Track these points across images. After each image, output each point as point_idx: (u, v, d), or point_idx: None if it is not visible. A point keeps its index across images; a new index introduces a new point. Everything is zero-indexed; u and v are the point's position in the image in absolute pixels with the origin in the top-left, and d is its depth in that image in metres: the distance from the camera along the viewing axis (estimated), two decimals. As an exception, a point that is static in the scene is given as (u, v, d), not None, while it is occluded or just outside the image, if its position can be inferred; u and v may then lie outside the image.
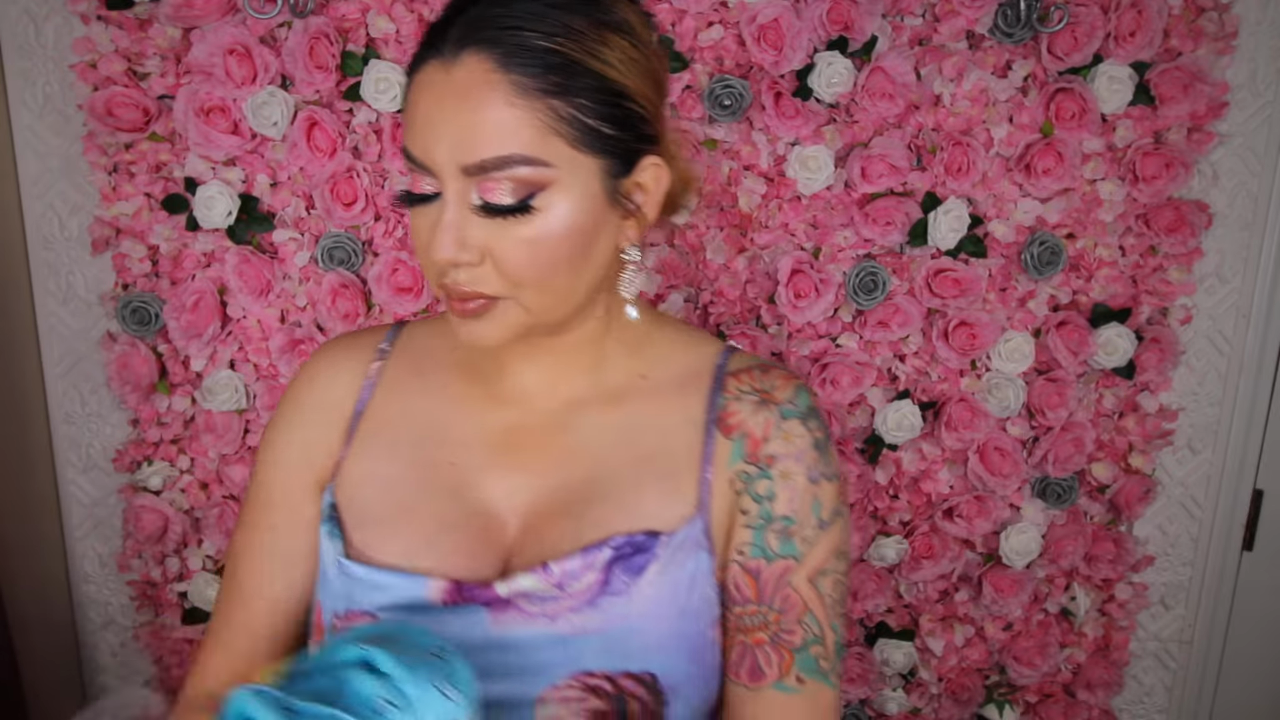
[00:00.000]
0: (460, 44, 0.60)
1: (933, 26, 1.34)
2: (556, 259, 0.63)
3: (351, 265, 1.39)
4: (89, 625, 1.60)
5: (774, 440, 0.69)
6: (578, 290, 0.66)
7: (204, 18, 1.32)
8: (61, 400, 1.51)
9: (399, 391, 0.75)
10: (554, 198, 0.61)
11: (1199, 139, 1.38)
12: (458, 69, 0.60)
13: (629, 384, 0.72)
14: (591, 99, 0.61)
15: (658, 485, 0.69)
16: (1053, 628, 1.56)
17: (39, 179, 1.43)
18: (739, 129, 1.37)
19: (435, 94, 0.61)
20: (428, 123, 0.61)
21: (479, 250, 0.62)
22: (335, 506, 0.72)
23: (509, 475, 0.71)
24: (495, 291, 0.63)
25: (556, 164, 0.61)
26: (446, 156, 0.60)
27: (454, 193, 0.61)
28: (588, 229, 0.64)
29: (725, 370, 0.72)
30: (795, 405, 0.70)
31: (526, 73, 0.59)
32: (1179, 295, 1.45)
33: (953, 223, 1.38)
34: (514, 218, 0.61)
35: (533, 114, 0.60)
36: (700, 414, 0.70)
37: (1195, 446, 1.53)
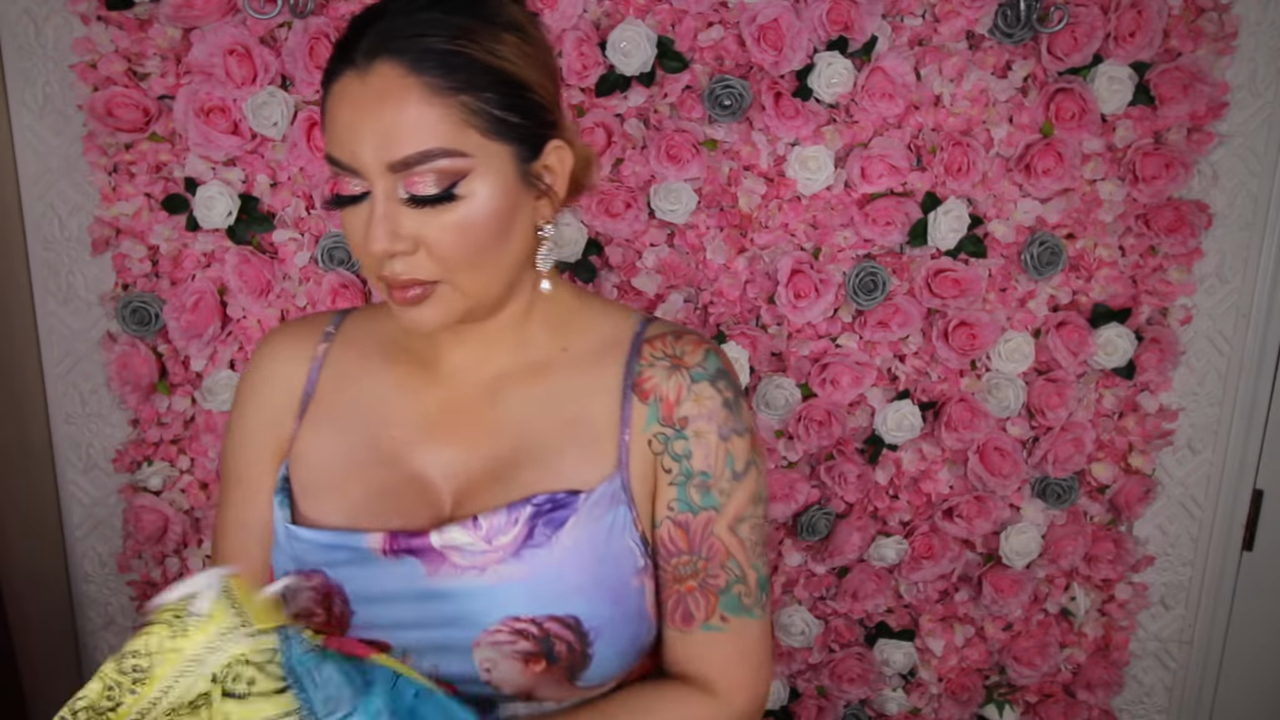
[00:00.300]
0: (371, 54, 0.66)
1: (933, 27, 1.34)
2: (482, 240, 0.69)
3: (351, 265, 1.39)
4: (89, 625, 1.60)
5: (686, 403, 0.74)
6: (504, 268, 0.72)
7: (204, 18, 1.32)
8: (61, 400, 1.51)
9: (344, 373, 0.81)
10: (474, 184, 0.67)
11: (1199, 139, 1.38)
12: (372, 77, 0.66)
13: (551, 357, 0.78)
14: (496, 92, 0.67)
15: (579, 449, 0.75)
16: (1053, 628, 1.56)
17: (39, 179, 1.43)
18: (739, 129, 1.37)
19: (353, 101, 0.66)
20: (350, 128, 0.66)
21: (411, 239, 0.67)
22: (287, 479, 0.78)
23: (443, 448, 0.77)
24: (430, 276, 0.69)
25: (473, 153, 0.67)
26: (372, 157, 0.66)
27: (382, 190, 0.66)
28: (507, 210, 0.70)
29: (641, 338, 0.78)
30: (704, 368, 0.76)
31: (435, 74, 0.65)
32: (1179, 295, 1.45)
33: (953, 223, 1.38)
34: (440, 206, 0.67)
35: (446, 110, 0.66)
36: (617, 381, 0.76)
37: (1195, 446, 1.53)
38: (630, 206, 1.38)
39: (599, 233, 1.40)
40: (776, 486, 1.47)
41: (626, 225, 1.39)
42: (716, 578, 0.75)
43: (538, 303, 0.78)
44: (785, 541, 1.52)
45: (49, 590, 1.56)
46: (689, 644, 0.76)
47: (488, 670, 0.71)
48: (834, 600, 1.54)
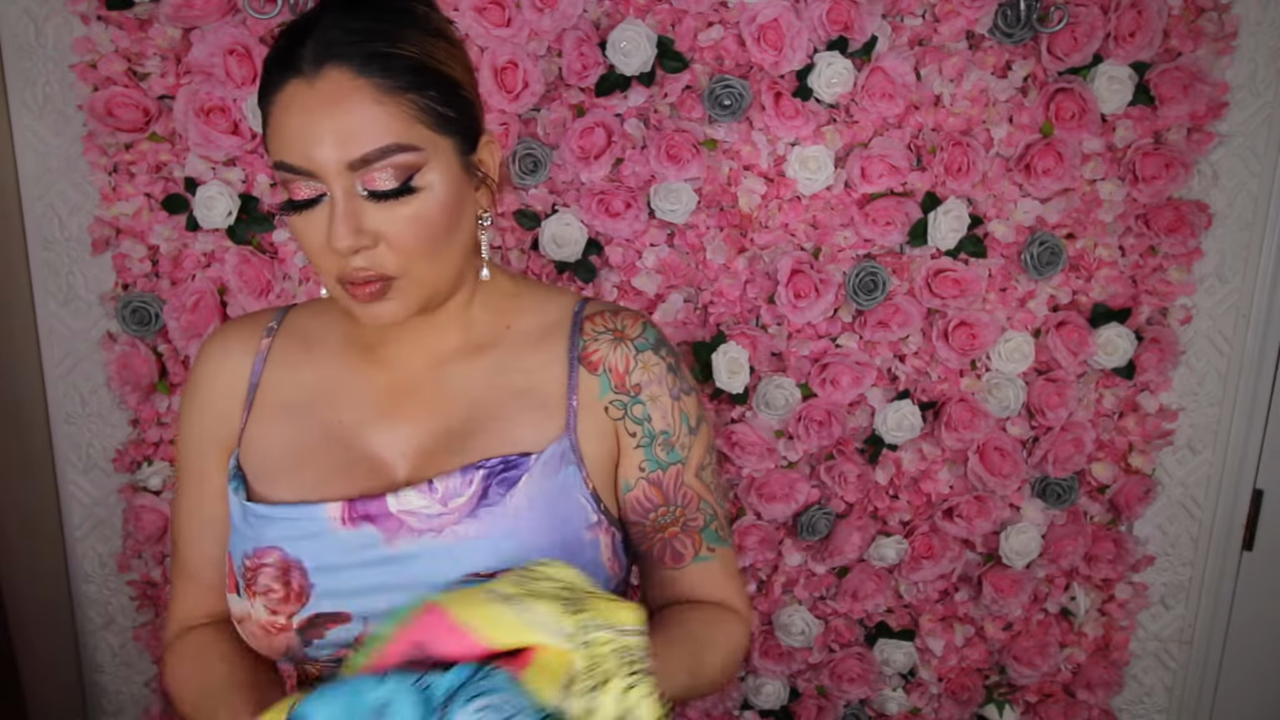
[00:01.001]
0: (318, 61, 0.69)
1: (933, 27, 1.34)
2: (438, 230, 0.72)
3: (351, 265, 1.39)
4: (89, 625, 1.60)
5: (635, 371, 0.81)
6: (456, 257, 0.76)
7: (204, 18, 1.32)
8: (62, 400, 1.51)
9: (289, 364, 0.84)
10: (428, 176, 0.71)
11: (1199, 139, 1.38)
12: (321, 82, 0.68)
13: (496, 335, 0.83)
14: (436, 90, 0.71)
15: (528, 415, 0.79)
16: (1053, 628, 1.56)
17: (39, 179, 1.43)
18: (739, 129, 1.37)
19: (304, 107, 0.69)
20: (304, 132, 0.69)
21: (372, 234, 0.70)
22: (239, 467, 0.80)
23: (395, 426, 0.80)
24: (391, 270, 0.71)
25: (424, 147, 0.70)
26: (328, 156, 0.68)
27: (341, 188, 0.69)
28: (456, 200, 0.74)
29: (581, 316, 0.83)
30: (645, 339, 0.82)
31: (382, 75, 0.69)
32: (1179, 295, 1.45)
33: (953, 223, 1.38)
34: (399, 200, 0.70)
35: (397, 108, 0.69)
36: (563, 353, 0.81)
37: (1195, 446, 1.53)
38: (630, 206, 1.38)
39: (599, 233, 1.40)
40: (776, 486, 1.47)
41: (626, 225, 1.39)
42: (695, 519, 0.83)
43: (479, 289, 0.82)
44: (785, 541, 1.52)
45: (49, 590, 1.56)
46: (688, 577, 0.83)
47: None
48: (834, 600, 1.54)
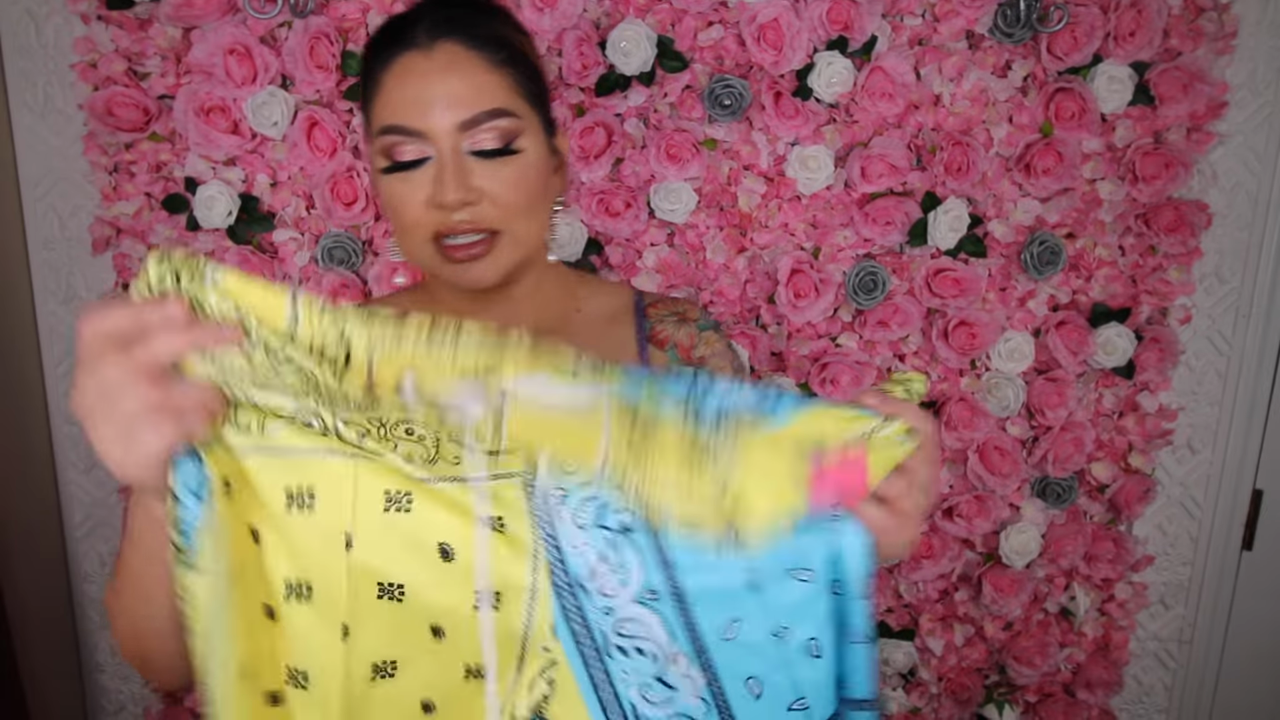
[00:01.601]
0: (432, 35, 0.76)
1: (932, 26, 1.34)
2: (534, 191, 0.79)
3: (351, 265, 1.39)
4: (89, 625, 1.60)
5: (699, 347, 0.88)
6: (543, 223, 0.82)
7: (204, 17, 1.32)
8: (62, 400, 1.51)
9: None
10: (525, 142, 0.78)
11: (1198, 139, 1.38)
12: (437, 53, 0.76)
13: (568, 316, 0.89)
14: (529, 73, 0.80)
15: None
16: (1052, 627, 1.56)
17: (39, 179, 1.43)
18: (739, 129, 1.37)
19: (421, 74, 0.76)
20: (419, 97, 0.75)
21: (477, 191, 0.76)
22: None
23: None
24: (492, 224, 0.77)
25: (523, 116, 0.78)
26: (441, 119, 0.75)
27: (450, 148, 0.75)
28: (546, 169, 0.81)
29: (644, 303, 0.91)
30: (705, 320, 0.90)
31: (490, 50, 0.77)
32: (1178, 295, 1.45)
33: (952, 222, 1.38)
34: (501, 159, 0.76)
35: (503, 78, 0.77)
36: (633, 335, 0.88)
37: (1195, 446, 1.53)
38: (630, 206, 1.38)
39: (599, 232, 1.40)
40: (776, 486, 1.47)
41: (626, 225, 1.39)
42: None
43: (548, 272, 0.88)
44: (785, 541, 1.52)
45: (49, 590, 1.56)
46: None
47: None
48: (834, 600, 1.54)
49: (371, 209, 1.38)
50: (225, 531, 0.56)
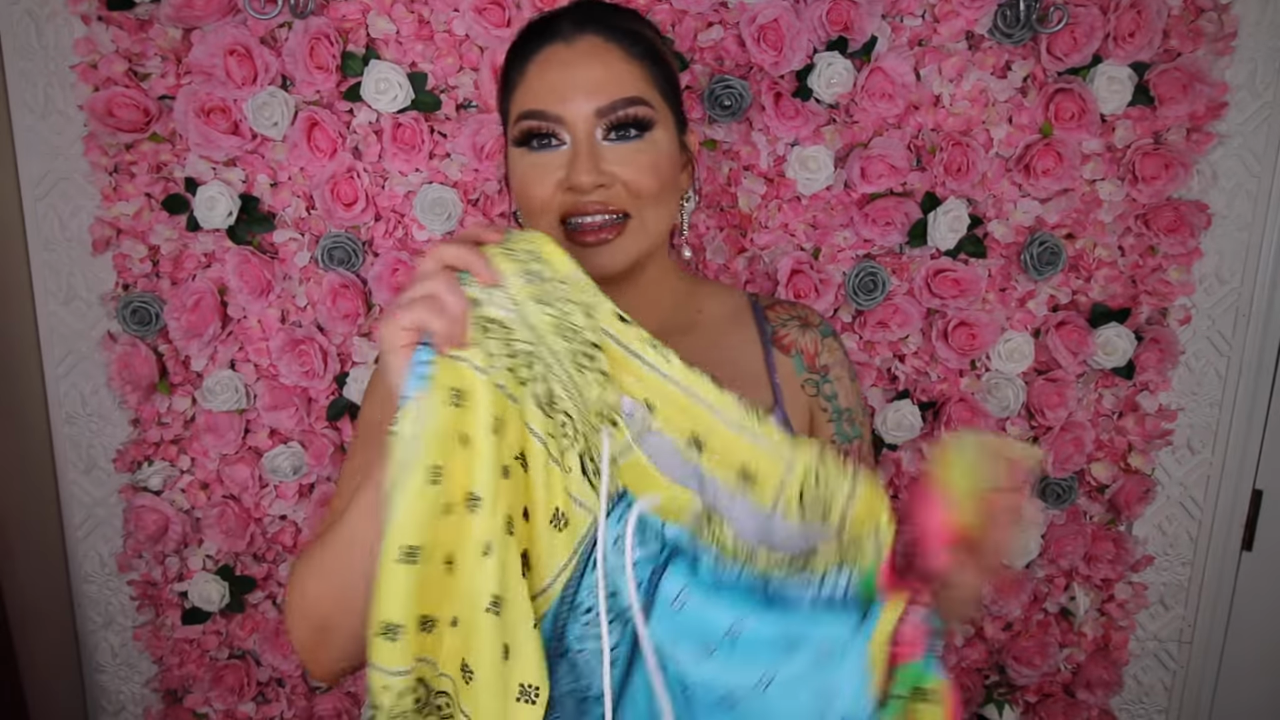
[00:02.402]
0: (576, 28, 0.81)
1: (932, 27, 1.35)
2: (664, 179, 0.81)
3: (351, 265, 1.39)
4: (89, 625, 1.60)
5: (823, 353, 0.90)
6: (671, 212, 0.85)
7: (204, 18, 1.32)
8: (62, 400, 1.51)
9: None
10: (658, 131, 0.81)
11: (1198, 139, 1.38)
12: (579, 43, 0.80)
13: (691, 318, 0.91)
14: (665, 70, 0.83)
15: (738, 387, 0.84)
16: (1052, 628, 1.56)
17: (40, 179, 1.43)
18: (739, 129, 1.37)
19: (562, 62, 0.79)
20: (559, 83, 0.79)
21: (609, 174, 0.79)
22: None
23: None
24: (625, 207, 0.80)
25: (657, 108, 0.81)
26: (581, 104, 0.78)
27: (585, 132, 0.79)
28: (676, 160, 0.84)
29: (761, 306, 0.93)
30: (825, 327, 0.93)
31: (628, 43, 0.81)
32: (1178, 295, 1.45)
33: (952, 223, 1.38)
34: (635, 144, 0.79)
35: (641, 69, 0.80)
36: (755, 336, 0.90)
37: (1195, 446, 1.53)
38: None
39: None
40: (776, 486, 1.47)
41: (626, 225, 1.39)
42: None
43: (669, 271, 0.91)
44: (785, 541, 1.52)
45: (49, 590, 1.56)
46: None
47: None
48: (834, 600, 1.54)
49: (371, 209, 1.38)
50: (435, 416, 0.62)
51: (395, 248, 1.40)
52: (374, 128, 1.36)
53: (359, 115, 1.36)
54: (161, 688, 1.57)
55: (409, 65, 1.34)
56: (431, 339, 0.63)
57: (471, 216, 1.38)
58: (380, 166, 1.38)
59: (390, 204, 1.39)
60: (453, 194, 1.37)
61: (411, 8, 1.33)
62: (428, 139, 1.35)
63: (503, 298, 0.65)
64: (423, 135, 1.35)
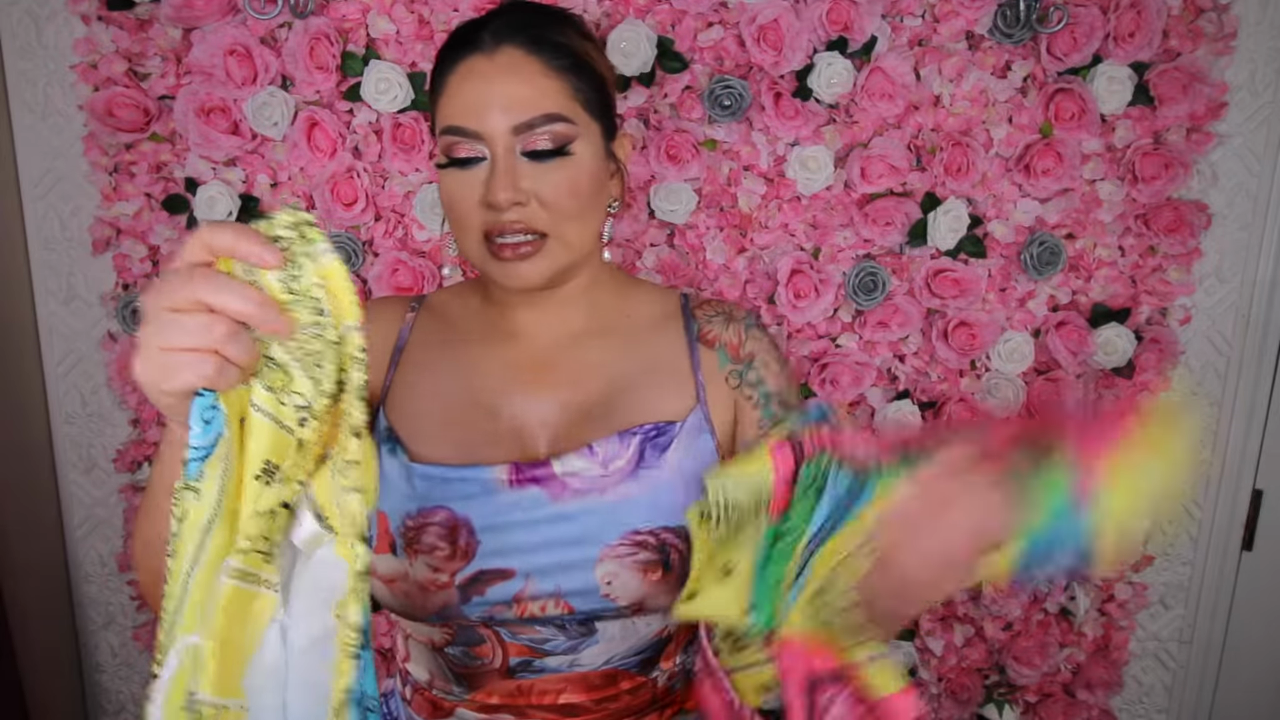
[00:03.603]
0: (497, 39, 0.79)
1: (932, 27, 1.35)
2: (584, 196, 0.80)
3: (352, 265, 1.39)
4: (89, 625, 1.60)
5: (749, 343, 0.90)
6: (594, 226, 0.84)
7: (204, 18, 1.32)
8: (62, 400, 1.51)
9: (431, 337, 0.90)
10: (580, 147, 0.80)
11: (1198, 139, 1.39)
12: (499, 56, 0.78)
13: (618, 320, 0.90)
14: (591, 80, 0.81)
15: (662, 388, 0.86)
16: (1052, 628, 1.56)
17: (40, 179, 1.43)
18: (739, 129, 1.37)
19: (482, 75, 0.78)
20: (479, 98, 0.77)
21: (527, 193, 0.78)
22: (391, 428, 0.85)
23: (533, 397, 0.86)
24: (541, 226, 0.79)
25: (578, 122, 0.79)
26: (498, 121, 0.77)
27: (503, 149, 0.77)
28: (600, 175, 0.83)
29: (690, 304, 0.93)
30: (750, 319, 0.92)
31: (550, 56, 0.79)
32: (1178, 295, 1.45)
33: (952, 223, 1.38)
34: (554, 162, 0.78)
35: (562, 84, 0.79)
36: (682, 335, 0.90)
37: (1195, 446, 1.53)
38: (630, 206, 1.38)
39: (599, 233, 1.40)
40: (776, 486, 1.47)
41: (626, 225, 1.39)
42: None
43: (601, 273, 0.90)
44: (785, 541, 1.52)
45: (49, 590, 1.56)
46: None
47: (608, 583, 0.80)
48: (834, 600, 1.54)
49: (371, 209, 1.38)
50: (229, 462, 0.58)
51: (395, 248, 1.40)
52: (374, 128, 1.36)
53: (359, 115, 1.36)
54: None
55: (409, 65, 1.34)
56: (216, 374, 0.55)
57: (471, 216, 1.39)
58: (380, 166, 1.38)
59: (390, 204, 1.39)
60: (453, 194, 1.37)
61: (411, 8, 1.33)
62: (428, 139, 1.35)
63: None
64: (423, 135, 1.35)
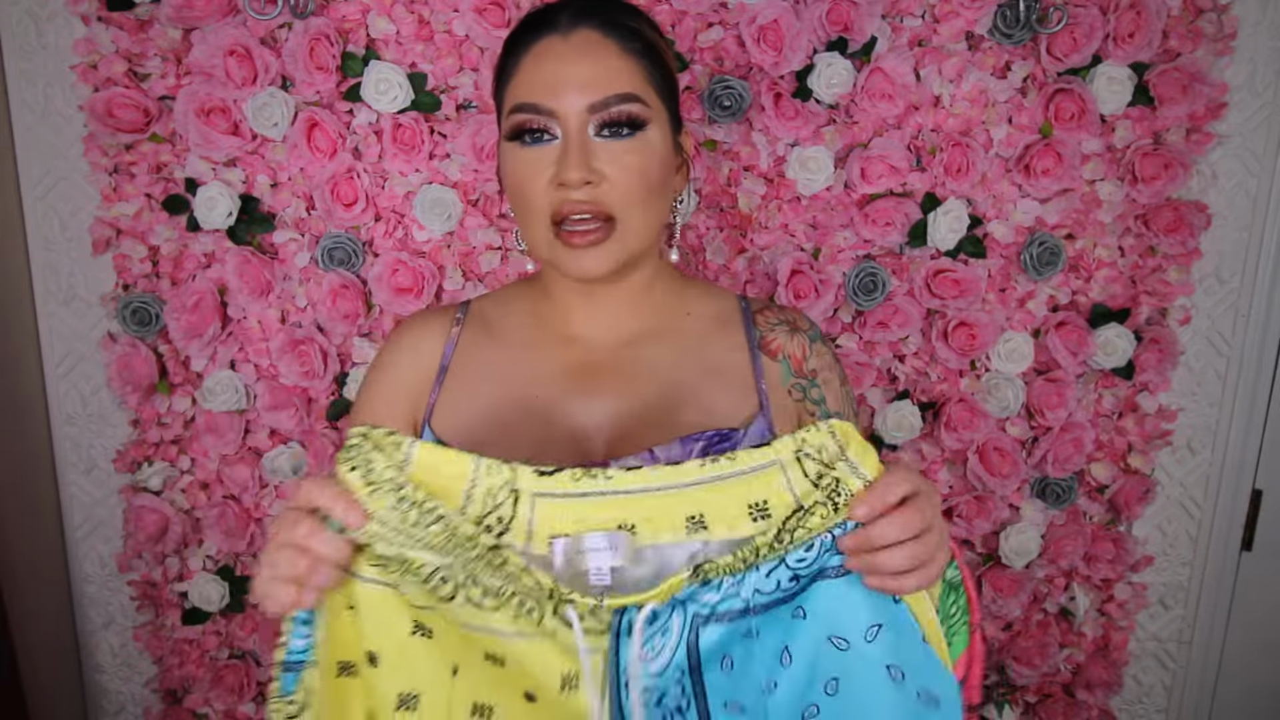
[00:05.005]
0: (573, 21, 0.79)
1: (932, 28, 1.35)
2: (653, 181, 0.79)
3: (352, 266, 1.39)
4: (89, 625, 1.60)
5: (811, 359, 0.89)
6: (659, 217, 0.82)
7: (204, 19, 1.32)
8: (62, 401, 1.51)
9: (477, 347, 0.89)
10: (651, 130, 0.79)
11: (1198, 140, 1.39)
12: (574, 37, 0.79)
13: (677, 321, 0.89)
14: (662, 68, 0.82)
15: (723, 394, 0.84)
16: (1052, 628, 1.56)
17: (40, 180, 1.43)
18: (739, 130, 1.37)
19: (557, 54, 0.78)
20: (554, 76, 0.77)
21: (599, 172, 0.77)
22: (439, 440, 0.83)
23: (589, 401, 0.84)
24: (609, 208, 0.78)
25: (651, 105, 0.79)
26: (573, 99, 0.77)
27: (576, 127, 0.77)
28: (668, 162, 0.82)
29: (751, 310, 0.91)
30: (814, 331, 0.91)
31: (625, 38, 0.79)
32: (1178, 296, 1.45)
33: (952, 223, 1.38)
34: (626, 141, 0.78)
35: (637, 65, 0.79)
36: (743, 341, 0.88)
37: (1194, 446, 1.53)
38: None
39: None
40: (776, 486, 1.47)
41: (626, 226, 1.39)
42: None
43: (661, 272, 0.89)
44: (785, 541, 1.52)
45: (49, 590, 1.56)
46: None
47: None
48: (834, 600, 1.54)
49: (371, 210, 1.38)
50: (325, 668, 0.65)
51: (395, 248, 1.40)
52: (374, 128, 1.36)
53: (359, 116, 1.36)
54: (161, 688, 1.57)
55: (409, 66, 1.34)
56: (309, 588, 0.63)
57: (472, 217, 1.39)
58: (380, 167, 1.38)
59: (390, 204, 1.39)
60: (452, 194, 1.37)
61: (411, 8, 1.33)
62: (428, 139, 1.35)
63: (384, 530, 0.64)
64: (423, 135, 1.35)
